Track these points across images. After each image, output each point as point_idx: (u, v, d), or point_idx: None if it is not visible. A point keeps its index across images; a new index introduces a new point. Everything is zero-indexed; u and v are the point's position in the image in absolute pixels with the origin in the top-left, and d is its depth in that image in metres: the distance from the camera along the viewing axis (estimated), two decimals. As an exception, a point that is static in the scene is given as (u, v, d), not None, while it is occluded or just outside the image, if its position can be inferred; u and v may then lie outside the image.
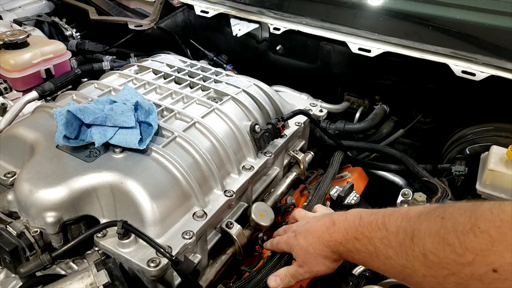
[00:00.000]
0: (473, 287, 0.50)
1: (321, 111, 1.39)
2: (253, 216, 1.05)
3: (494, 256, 0.49)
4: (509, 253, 0.47)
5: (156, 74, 1.31)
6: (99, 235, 0.85)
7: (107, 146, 0.95)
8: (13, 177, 0.96)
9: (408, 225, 0.60)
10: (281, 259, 0.98)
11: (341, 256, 0.79)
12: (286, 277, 0.90)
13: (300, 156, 1.28)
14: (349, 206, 1.14)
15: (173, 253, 0.81)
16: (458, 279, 0.52)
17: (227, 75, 1.33)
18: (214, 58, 2.03)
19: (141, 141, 0.93)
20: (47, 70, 1.52)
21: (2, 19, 1.96)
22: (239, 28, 1.80)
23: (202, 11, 1.88)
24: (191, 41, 2.07)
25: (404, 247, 0.59)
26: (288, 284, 0.89)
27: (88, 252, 0.92)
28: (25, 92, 1.49)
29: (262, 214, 1.06)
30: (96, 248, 0.88)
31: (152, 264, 0.79)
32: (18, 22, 1.95)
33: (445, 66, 1.37)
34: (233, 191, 0.99)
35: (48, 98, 1.49)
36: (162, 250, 0.79)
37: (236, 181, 1.04)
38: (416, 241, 0.57)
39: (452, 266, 0.52)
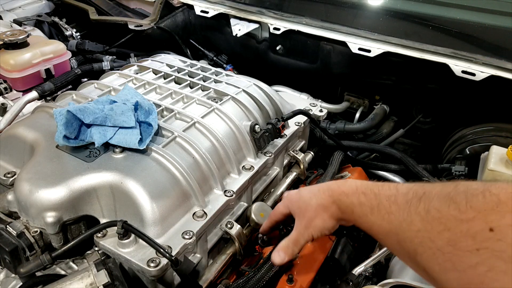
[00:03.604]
0: (463, 244, 0.51)
1: (321, 111, 1.39)
2: (253, 216, 1.05)
3: (495, 215, 0.49)
4: (510, 215, 0.47)
5: (156, 74, 1.31)
6: (99, 235, 0.85)
7: (107, 146, 0.95)
8: (13, 177, 0.96)
9: (420, 188, 0.61)
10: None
11: (340, 209, 0.77)
12: (289, 247, 0.85)
13: (300, 156, 1.27)
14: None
15: (173, 253, 0.81)
16: (451, 235, 0.52)
17: (227, 75, 1.33)
18: (214, 58, 2.03)
19: (141, 141, 0.93)
20: (47, 70, 1.52)
21: (2, 19, 1.96)
22: (239, 28, 1.80)
23: (202, 11, 1.88)
24: (191, 41, 2.07)
25: (408, 204, 0.60)
26: (293, 254, 0.86)
27: (88, 252, 0.92)
28: (25, 92, 1.49)
29: (262, 214, 1.06)
30: (96, 248, 0.88)
31: (152, 264, 0.79)
32: (18, 22, 1.96)
33: (445, 66, 1.37)
34: (233, 191, 0.99)
35: (48, 98, 1.49)
36: (162, 250, 0.79)
37: (236, 181, 1.04)
38: (423, 199, 0.58)
39: (450, 222, 0.53)
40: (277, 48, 1.81)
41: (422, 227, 0.56)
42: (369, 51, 1.49)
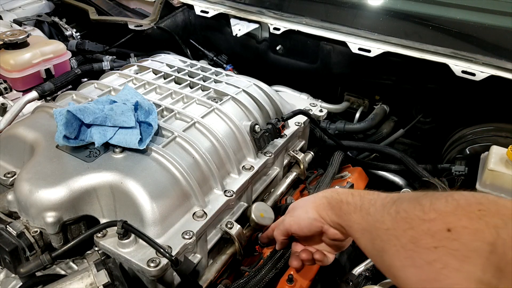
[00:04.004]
0: (423, 242, 0.54)
1: (321, 111, 1.39)
2: (253, 216, 1.05)
3: (453, 217, 0.53)
4: (466, 218, 0.52)
5: (156, 74, 1.31)
6: (99, 235, 0.85)
7: (107, 146, 0.95)
8: (13, 177, 0.96)
9: (396, 195, 0.67)
10: (281, 258, 0.97)
11: (329, 204, 0.80)
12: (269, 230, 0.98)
13: (300, 156, 1.27)
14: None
15: (173, 253, 0.81)
16: (414, 233, 0.56)
17: (227, 75, 1.33)
18: (214, 58, 2.03)
19: (141, 141, 0.93)
20: (47, 70, 1.53)
21: (2, 19, 1.96)
22: (239, 28, 1.80)
23: (202, 11, 1.88)
24: (191, 41, 2.07)
25: (384, 206, 0.65)
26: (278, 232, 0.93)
27: (88, 252, 0.92)
28: (25, 92, 1.49)
29: (262, 214, 1.06)
30: (96, 248, 0.88)
31: (152, 264, 0.79)
32: (18, 22, 1.96)
33: (445, 66, 1.37)
34: (233, 191, 0.99)
35: (48, 98, 1.49)
36: (162, 250, 0.79)
37: (236, 181, 1.04)
38: (397, 203, 0.63)
39: (414, 221, 0.57)
40: (277, 48, 1.81)
41: (391, 226, 0.61)
42: (369, 51, 1.49)
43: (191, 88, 1.25)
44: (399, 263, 0.57)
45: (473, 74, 1.33)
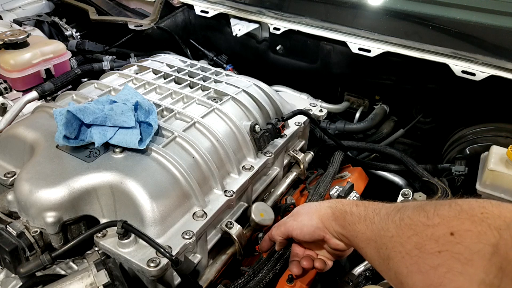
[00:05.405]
0: (428, 247, 0.55)
1: (321, 111, 1.39)
2: (253, 216, 1.05)
3: (456, 221, 0.54)
4: (469, 222, 0.53)
5: (156, 74, 1.31)
6: (99, 235, 0.85)
7: (107, 146, 0.95)
8: (13, 177, 0.96)
9: (401, 204, 0.67)
10: (281, 258, 0.97)
11: (333, 214, 0.81)
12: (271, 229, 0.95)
13: (300, 156, 1.27)
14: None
15: (173, 253, 0.81)
16: (418, 239, 0.57)
17: (227, 75, 1.33)
18: (214, 58, 2.03)
19: (141, 141, 0.93)
20: (47, 70, 1.53)
21: (2, 19, 1.96)
22: (239, 28, 1.80)
23: (202, 11, 1.88)
24: (191, 41, 2.07)
25: (388, 215, 0.66)
26: (277, 232, 0.92)
27: (88, 252, 0.92)
28: (25, 92, 1.49)
29: (262, 214, 1.06)
30: (96, 248, 0.88)
31: (152, 264, 0.79)
32: (18, 22, 1.96)
33: (445, 66, 1.37)
34: (233, 191, 0.99)
35: (48, 98, 1.49)
36: (162, 250, 0.79)
37: (236, 181, 1.04)
38: (401, 211, 0.64)
39: (418, 227, 0.58)
40: (277, 48, 1.81)
41: (396, 233, 0.61)
42: (369, 51, 1.49)
43: (191, 88, 1.25)
44: (405, 269, 0.58)
45: (473, 74, 1.33)
